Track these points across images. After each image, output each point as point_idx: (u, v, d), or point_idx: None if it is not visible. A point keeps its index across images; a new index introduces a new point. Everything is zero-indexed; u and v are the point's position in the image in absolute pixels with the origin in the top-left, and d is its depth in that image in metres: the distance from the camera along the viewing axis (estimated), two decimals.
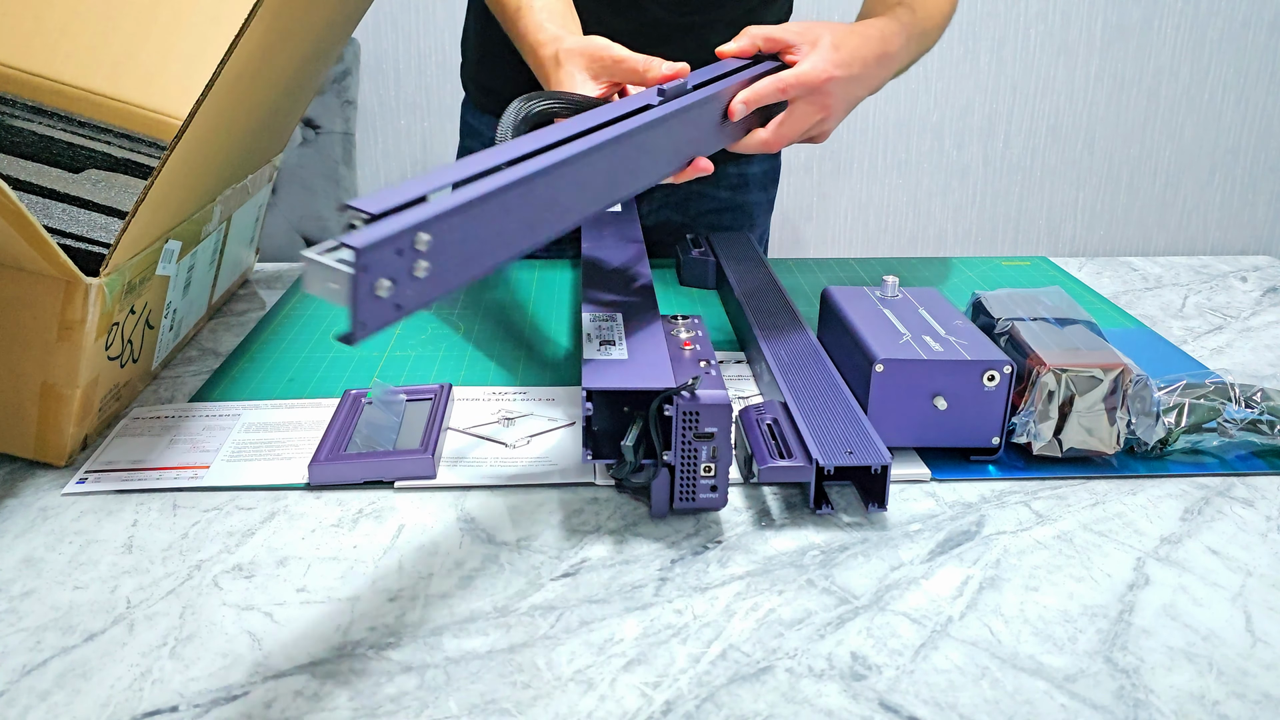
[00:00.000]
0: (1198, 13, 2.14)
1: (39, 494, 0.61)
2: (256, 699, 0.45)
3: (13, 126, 0.82)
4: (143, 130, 0.88)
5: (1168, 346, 0.84)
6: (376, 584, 0.53)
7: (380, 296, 0.43)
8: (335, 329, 0.86)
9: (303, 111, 0.97)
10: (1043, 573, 0.54)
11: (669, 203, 1.10)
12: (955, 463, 0.65)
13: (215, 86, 0.60)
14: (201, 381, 0.76)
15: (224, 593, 0.52)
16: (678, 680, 0.46)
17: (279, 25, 0.64)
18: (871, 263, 1.05)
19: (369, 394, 0.69)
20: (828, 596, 0.52)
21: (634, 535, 0.57)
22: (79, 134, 0.85)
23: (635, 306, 0.70)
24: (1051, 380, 0.62)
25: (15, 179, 0.77)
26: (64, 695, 0.45)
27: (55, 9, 0.88)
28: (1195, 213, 2.30)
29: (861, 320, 0.68)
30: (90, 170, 0.82)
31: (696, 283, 0.96)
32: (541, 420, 0.70)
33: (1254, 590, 0.53)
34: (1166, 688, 0.46)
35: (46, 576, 0.53)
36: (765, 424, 0.62)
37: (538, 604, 0.52)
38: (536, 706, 0.45)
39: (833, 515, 0.59)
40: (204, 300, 0.85)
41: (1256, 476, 0.64)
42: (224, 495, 0.61)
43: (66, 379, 0.62)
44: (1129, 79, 2.15)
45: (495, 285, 0.97)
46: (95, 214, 0.76)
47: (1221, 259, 1.08)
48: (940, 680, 0.47)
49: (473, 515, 0.59)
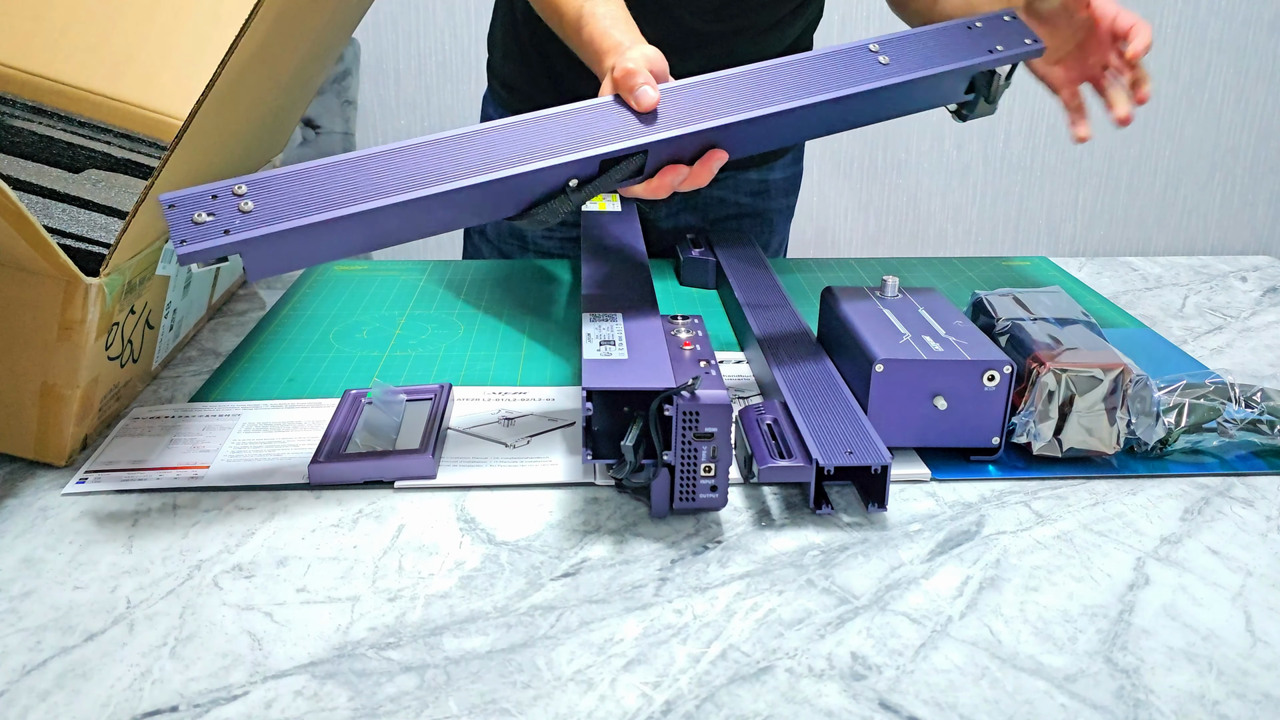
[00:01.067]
0: (1198, 13, 2.15)
1: (39, 494, 0.61)
2: (256, 699, 0.45)
3: (13, 126, 0.82)
4: (143, 130, 0.88)
5: (1168, 346, 0.84)
6: (376, 584, 0.53)
7: (198, 222, 0.55)
8: (335, 330, 0.86)
9: (303, 111, 0.98)
10: (1043, 573, 0.54)
11: (688, 207, 1.10)
12: (955, 463, 0.65)
13: (215, 86, 0.60)
14: (201, 381, 0.77)
15: (224, 593, 0.52)
16: (678, 680, 0.46)
17: (279, 25, 0.64)
18: (871, 263, 1.05)
19: (369, 394, 0.69)
20: (828, 596, 0.52)
21: (634, 535, 0.57)
22: (79, 134, 0.85)
23: (635, 306, 0.70)
24: (1051, 380, 0.62)
25: (15, 179, 0.77)
26: (64, 695, 0.45)
27: (55, 9, 0.88)
28: (1195, 213, 2.31)
29: (861, 320, 0.68)
30: (90, 170, 0.82)
31: (696, 283, 0.96)
32: (541, 420, 0.70)
33: (1254, 590, 0.53)
34: (1166, 688, 0.46)
35: (46, 576, 0.53)
36: (765, 424, 0.62)
37: (538, 604, 0.52)
38: (536, 706, 0.45)
39: (833, 515, 0.59)
40: (204, 300, 0.85)
41: (1256, 476, 0.64)
42: (224, 495, 0.61)
43: (66, 379, 0.62)
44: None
45: (495, 285, 0.97)
46: (95, 214, 0.76)
47: (1221, 259, 1.08)
48: (940, 680, 0.47)
49: (473, 515, 0.59)
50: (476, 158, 0.61)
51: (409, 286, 0.96)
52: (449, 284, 0.97)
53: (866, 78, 0.69)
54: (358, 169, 0.59)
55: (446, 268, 1.02)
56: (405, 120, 2.10)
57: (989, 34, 0.75)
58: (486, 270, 1.01)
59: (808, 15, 1.04)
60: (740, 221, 1.11)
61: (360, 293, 0.94)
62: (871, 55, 0.70)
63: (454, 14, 2.04)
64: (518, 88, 1.06)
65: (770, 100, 0.67)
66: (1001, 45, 0.75)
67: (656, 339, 0.64)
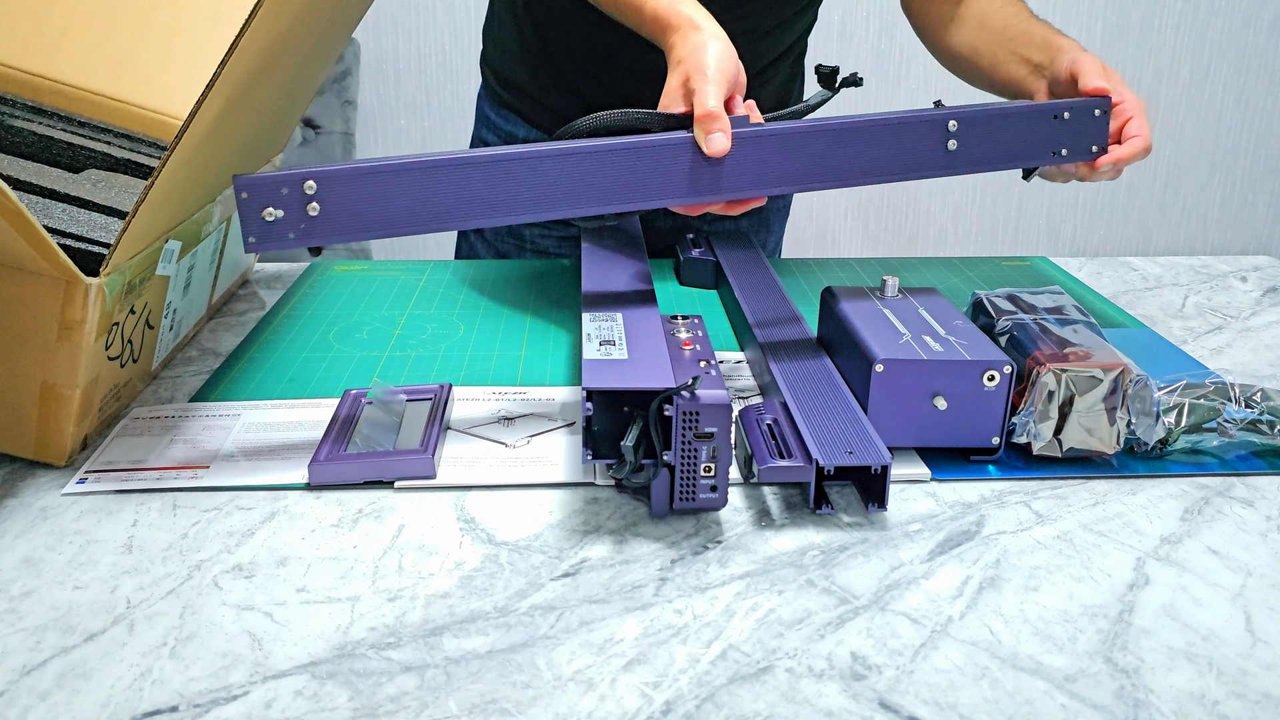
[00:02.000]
0: (1198, 13, 2.15)
1: (39, 494, 0.61)
2: (256, 699, 0.45)
3: (13, 126, 0.82)
4: (143, 130, 0.88)
5: (1168, 346, 0.84)
6: (376, 584, 0.53)
7: (267, 220, 0.56)
8: (335, 330, 0.86)
9: (303, 111, 0.98)
10: (1043, 573, 0.54)
11: None
12: (955, 463, 0.65)
13: (215, 86, 0.60)
14: (201, 381, 0.77)
15: (224, 593, 0.52)
16: (678, 680, 0.46)
17: (279, 25, 0.64)
18: (871, 263, 1.05)
19: (369, 394, 0.69)
20: (828, 596, 0.52)
21: (634, 535, 0.57)
22: (79, 134, 0.85)
23: (635, 306, 0.70)
24: (1051, 380, 0.62)
25: (15, 179, 0.77)
26: (64, 695, 0.45)
27: (55, 9, 0.88)
28: (1195, 213, 2.31)
29: (861, 320, 0.68)
30: (90, 170, 0.82)
31: (696, 283, 0.96)
32: (541, 420, 0.70)
33: (1254, 590, 0.53)
34: (1166, 688, 0.46)
35: (46, 576, 0.53)
36: (765, 424, 0.62)
37: (538, 604, 0.52)
38: (536, 706, 0.45)
39: (833, 515, 0.59)
40: (204, 300, 0.85)
41: (1256, 476, 0.64)
42: (224, 495, 0.61)
43: (66, 379, 0.62)
44: (1129, 79, 2.15)
45: (495, 285, 0.97)
46: (95, 214, 0.76)
47: (1221, 259, 1.08)
48: (940, 680, 0.47)
49: (473, 515, 0.59)
50: (546, 186, 0.62)
51: (409, 286, 0.96)
52: (449, 284, 0.97)
53: (929, 164, 0.70)
54: (427, 181, 0.59)
55: (446, 268, 1.02)
56: (405, 120, 2.10)
57: (1066, 131, 0.76)
58: (486, 270, 1.01)
59: (806, 19, 1.04)
60: (738, 221, 1.11)
61: (360, 293, 0.94)
62: (944, 136, 0.71)
63: (454, 14, 2.04)
64: (517, 85, 1.05)
65: (833, 175, 0.68)
66: (1067, 150, 0.76)
67: (656, 339, 0.64)
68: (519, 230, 1.09)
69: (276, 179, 0.56)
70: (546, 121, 1.04)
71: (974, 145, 0.71)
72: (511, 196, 0.62)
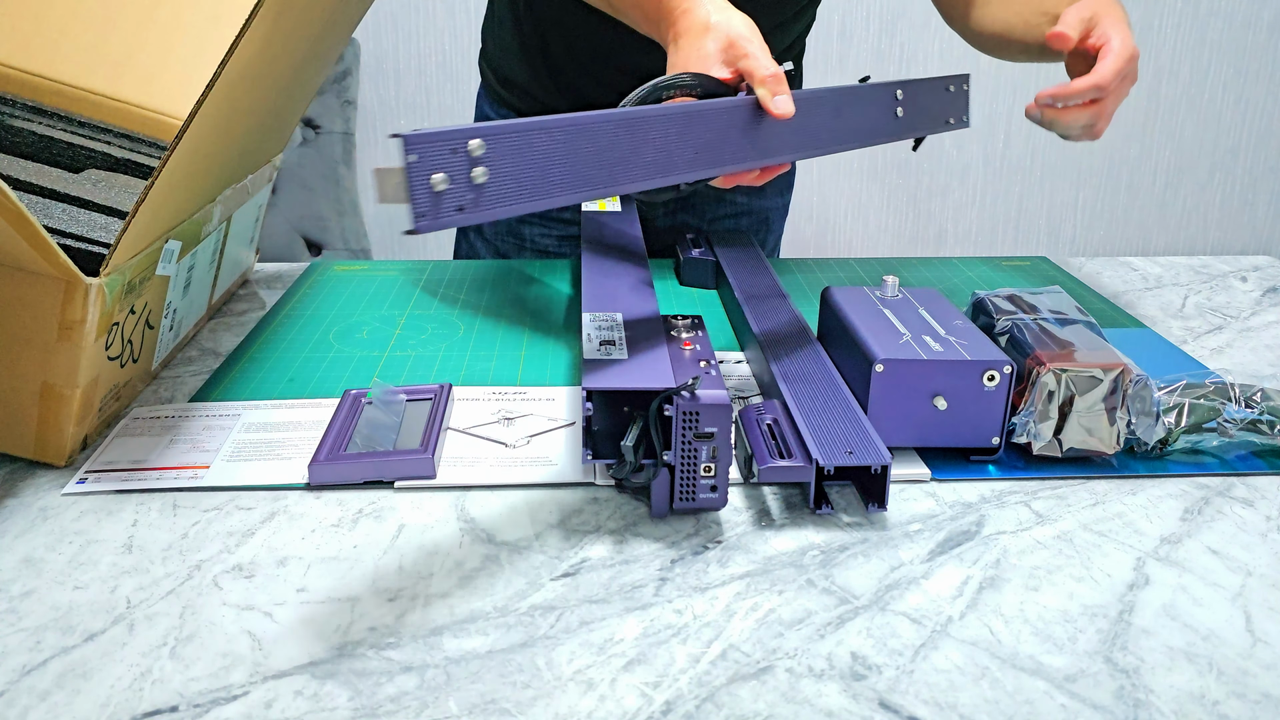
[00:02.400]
0: (1198, 13, 2.15)
1: (39, 494, 0.61)
2: (256, 699, 0.45)
3: (13, 126, 0.82)
4: (143, 130, 0.89)
5: (1168, 346, 0.84)
6: (376, 584, 0.53)
7: (437, 191, 0.48)
8: (335, 330, 0.86)
9: (303, 111, 0.98)
10: (1043, 573, 0.54)
11: (684, 206, 1.10)
12: (955, 463, 0.65)
13: (215, 86, 0.60)
14: (201, 381, 0.77)
15: (224, 593, 0.52)
16: (678, 680, 0.46)
17: (279, 25, 0.64)
18: (871, 263, 1.05)
19: (369, 394, 0.69)
20: (828, 596, 0.52)
21: (634, 535, 0.57)
22: (79, 134, 0.85)
23: (635, 306, 0.70)
24: (1051, 380, 0.62)
25: (15, 179, 0.77)
26: (64, 695, 0.45)
27: (55, 9, 0.88)
28: (1195, 213, 2.31)
29: (861, 320, 0.68)
30: (90, 170, 0.82)
31: (696, 283, 0.96)
32: (541, 420, 0.70)
33: (1254, 590, 0.53)
34: (1166, 688, 0.46)
35: (46, 576, 0.53)
36: (765, 424, 0.62)
37: (538, 604, 0.52)
38: (536, 706, 0.45)
39: (833, 515, 0.59)
40: (204, 300, 0.85)
41: (1256, 476, 0.64)
42: (224, 495, 0.61)
43: (66, 379, 0.62)
44: None
45: (495, 285, 0.97)
46: (95, 214, 0.76)
47: (1221, 259, 1.08)
48: (940, 680, 0.47)
49: (473, 515, 0.59)
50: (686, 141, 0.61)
51: (409, 286, 0.96)
52: (449, 284, 0.97)
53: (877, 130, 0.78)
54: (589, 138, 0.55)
55: (446, 268, 1.02)
56: (405, 120, 2.10)
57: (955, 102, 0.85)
58: (486, 270, 1.01)
59: (805, 19, 1.04)
60: (738, 220, 1.11)
61: (360, 293, 0.94)
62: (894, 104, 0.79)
63: (454, 14, 2.04)
64: (517, 83, 1.05)
65: (854, 137, 0.75)
66: (953, 119, 0.86)
67: (656, 339, 0.64)
68: (519, 229, 1.09)
69: (444, 135, 0.48)
70: None
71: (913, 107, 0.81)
72: (667, 156, 0.59)
